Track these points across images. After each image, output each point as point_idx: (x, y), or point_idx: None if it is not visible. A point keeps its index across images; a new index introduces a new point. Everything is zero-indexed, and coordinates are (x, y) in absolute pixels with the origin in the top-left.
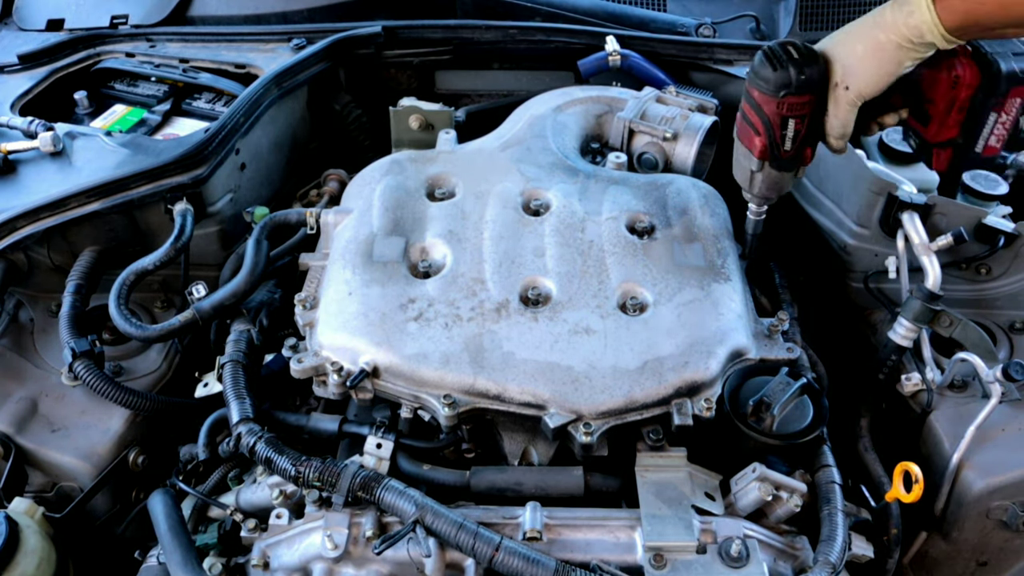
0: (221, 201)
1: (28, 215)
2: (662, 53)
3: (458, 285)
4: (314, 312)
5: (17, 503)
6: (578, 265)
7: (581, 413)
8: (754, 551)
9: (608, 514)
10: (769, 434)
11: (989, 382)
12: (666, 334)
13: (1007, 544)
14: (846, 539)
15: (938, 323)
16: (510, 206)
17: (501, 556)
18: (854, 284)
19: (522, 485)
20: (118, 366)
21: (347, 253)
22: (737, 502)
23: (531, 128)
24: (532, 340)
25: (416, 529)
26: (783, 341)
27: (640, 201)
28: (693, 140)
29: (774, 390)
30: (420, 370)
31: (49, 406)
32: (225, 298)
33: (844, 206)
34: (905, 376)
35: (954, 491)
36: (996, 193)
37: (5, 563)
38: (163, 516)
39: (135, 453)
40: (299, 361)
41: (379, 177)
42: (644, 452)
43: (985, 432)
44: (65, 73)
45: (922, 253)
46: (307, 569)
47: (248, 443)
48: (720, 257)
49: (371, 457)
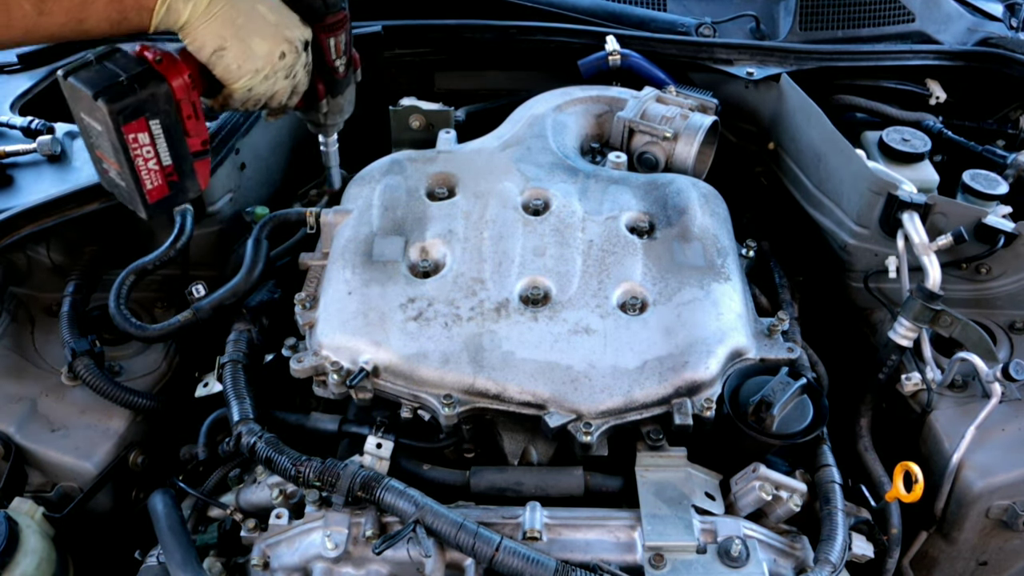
0: (221, 201)
1: (27, 215)
2: (662, 53)
3: (458, 285)
4: (314, 312)
5: (17, 503)
6: (578, 265)
7: (581, 413)
8: (754, 551)
9: (608, 514)
10: (769, 434)
11: (989, 382)
12: (666, 334)
13: (1007, 544)
14: (846, 539)
15: (938, 323)
16: (510, 206)
17: (501, 556)
18: (854, 284)
19: (522, 485)
20: (118, 366)
21: (347, 253)
22: (737, 502)
23: (531, 128)
24: (532, 340)
25: (416, 529)
26: (783, 341)
27: (640, 201)
28: (693, 140)
29: (774, 390)
30: (420, 370)
31: (49, 406)
32: (225, 298)
33: (844, 206)
34: (905, 376)
35: (954, 491)
36: (996, 193)
37: (5, 563)
38: (163, 516)
39: (135, 453)
40: (299, 361)
41: (379, 177)
42: (644, 452)
43: (985, 432)
44: None
45: (922, 253)
46: (307, 569)
47: (248, 443)
48: (720, 257)
49: (371, 457)
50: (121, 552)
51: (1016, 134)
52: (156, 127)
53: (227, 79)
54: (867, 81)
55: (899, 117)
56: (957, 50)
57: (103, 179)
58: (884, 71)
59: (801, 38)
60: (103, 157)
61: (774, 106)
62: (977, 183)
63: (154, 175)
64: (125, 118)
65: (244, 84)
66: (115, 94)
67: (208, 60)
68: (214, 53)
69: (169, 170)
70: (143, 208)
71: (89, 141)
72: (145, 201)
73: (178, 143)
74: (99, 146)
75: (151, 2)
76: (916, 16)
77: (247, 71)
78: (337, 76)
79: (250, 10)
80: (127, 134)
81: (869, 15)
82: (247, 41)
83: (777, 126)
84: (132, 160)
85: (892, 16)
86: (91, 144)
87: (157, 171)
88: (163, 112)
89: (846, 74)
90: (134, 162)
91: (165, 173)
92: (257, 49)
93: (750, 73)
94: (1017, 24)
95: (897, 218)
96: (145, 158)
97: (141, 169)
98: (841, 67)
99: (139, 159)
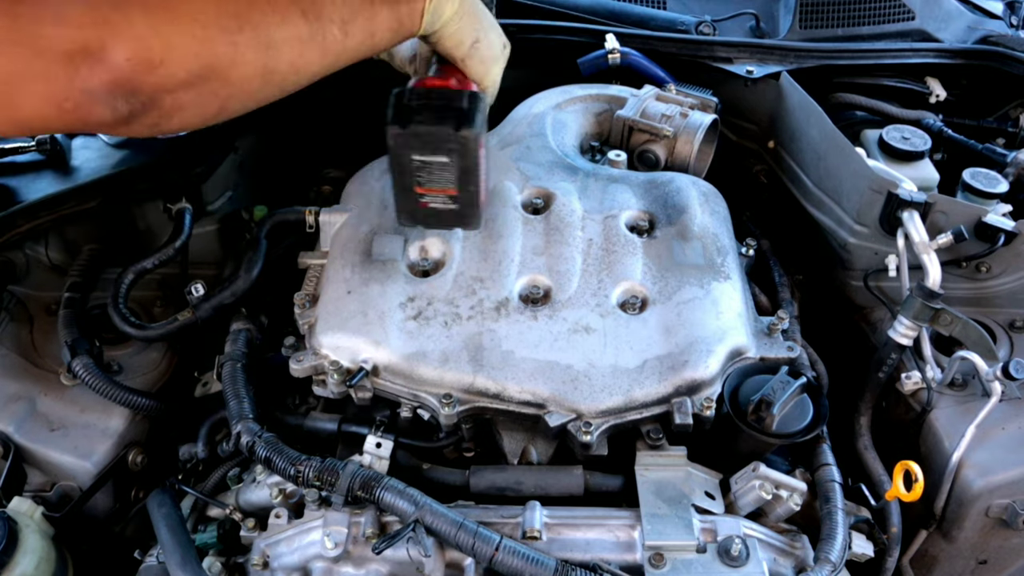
0: (220, 200)
1: (26, 213)
2: (662, 51)
3: (457, 284)
4: (313, 311)
5: (16, 502)
6: (578, 264)
7: (581, 412)
8: (754, 550)
9: (608, 513)
10: (769, 433)
11: (989, 380)
12: (666, 333)
13: (1007, 542)
14: (846, 538)
15: (938, 321)
16: (509, 204)
17: (501, 555)
18: (854, 282)
19: (522, 484)
20: (117, 364)
21: (346, 252)
22: (737, 501)
23: (530, 126)
24: (532, 339)
25: (416, 528)
26: (783, 340)
27: (640, 199)
28: (693, 138)
29: (774, 389)
30: (419, 369)
31: (48, 405)
32: (224, 297)
33: (844, 204)
34: (905, 375)
35: (954, 490)
36: (996, 191)
37: (4, 563)
38: (163, 516)
39: (135, 452)
40: (298, 361)
41: (378, 176)
42: (644, 451)
43: (985, 431)
44: None
45: (922, 251)
46: (307, 568)
47: (247, 442)
48: (720, 255)
49: (370, 456)
50: (121, 552)
51: (1016, 132)
52: (485, 142)
53: (479, 73)
54: (867, 79)
55: (899, 115)
56: (957, 48)
57: (410, 216)
58: (884, 69)
59: (801, 36)
60: (428, 191)
61: (774, 104)
62: (977, 181)
63: (485, 186)
64: (477, 142)
65: (495, 76)
66: (464, 120)
67: (466, 54)
68: (472, 46)
69: (486, 178)
70: (474, 222)
71: (405, 182)
72: (479, 213)
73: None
74: (430, 182)
75: (421, 3)
76: (916, 14)
77: (492, 62)
78: None
79: (480, 6)
80: (480, 151)
81: (869, 13)
82: (489, 34)
83: (777, 124)
84: (480, 178)
85: (892, 14)
86: (407, 184)
87: (485, 180)
88: (484, 123)
89: (846, 72)
90: (481, 179)
91: (486, 181)
92: (496, 41)
93: (750, 71)
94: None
95: (897, 216)
96: (484, 171)
97: (483, 184)
98: (841, 65)
99: (484, 175)
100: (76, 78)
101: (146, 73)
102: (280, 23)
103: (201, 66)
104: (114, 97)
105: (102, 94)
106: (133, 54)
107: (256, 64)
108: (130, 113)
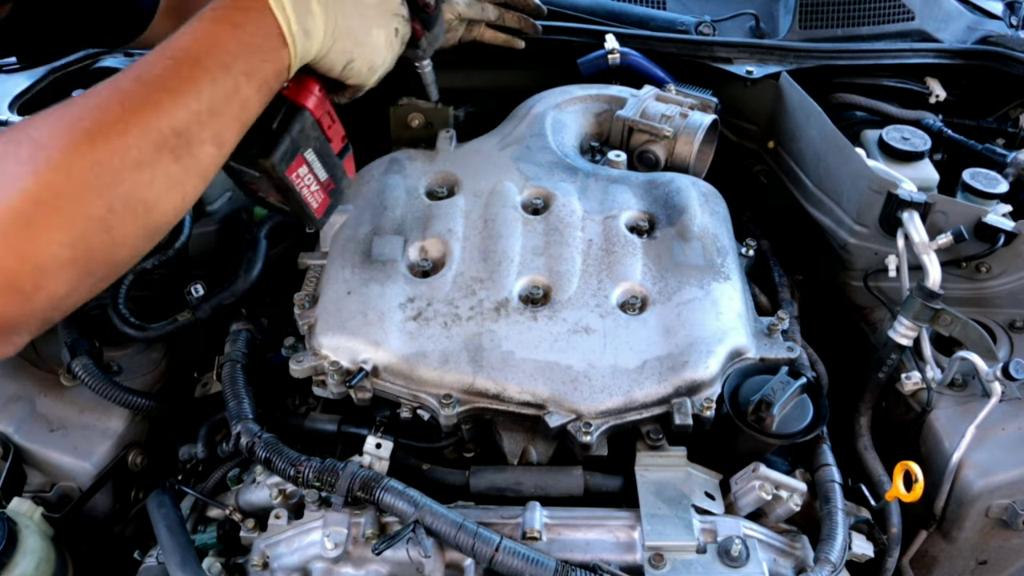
0: (220, 200)
1: None
2: (661, 51)
3: (457, 284)
4: (313, 311)
5: (16, 503)
6: (577, 264)
7: (581, 412)
8: (754, 550)
9: (608, 514)
10: (769, 433)
11: (989, 381)
12: (666, 333)
13: (1007, 543)
14: (846, 538)
15: (938, 321)
16: (509, 205)
17: (501, 556)
18: (854, 282)
19: (522, 485)
20: (117, 365)
21: (346, 252)
22: (737, 501)
23: (530, 127)
24: (531, 339)
25: (415, 529)
26: (783, 340)
27: (640, 200)
28: (693, 138)
29: (774, 389)
30: (419, 369)
31: (48, 406)
32: (224, 298)
33: (844, 204)
34: (905, 375)
35: (954, 490)
36: (996, 191)
37: (4, 563)
38: (162, 516)
39: (134, 453)
40: (298, 361)
41: (378, 176)
42: (644, 452)
43: (985, 431)
44: (64, 72)
45: (922, 251)
46: (306, 569)
47: (247, 443)
48: (720, 256)
49: (370, 457)
50: (121, 552)
51: (1016, 132)
52: (310, 155)
53: (359, 82)
54: (867, 79)
55: (899, 115)
56: (957, 48)
57: (260, 204)
58: (884, 69)
59: (801, 36)
60: (258, 189)
61: (774, 104)
62: (977, 181)
63: (316, 195)
64: (285, 164)
65: (376, 79)
66: (267, 146)
67: (340, 75)
68: (344, 69)
69: (327, 183)
70: (313, 224)
71: (241, 180)
72: (313, 218)
73: (328, 156)
74: (260, 188)
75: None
76: (916, 14)
77: (376, 66)
78: (429, 11)
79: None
80: (289, 175)
81: (869, 13)
82: (367, 39)
83: (777, 124)
84: (299, 192)
85: (892, 14)
86: (243, 183)
87: (318, 190)
88: (312, 139)
89: (846, 72)
90: (300, 194)
91: (325, 187)
92: (377, 40)
93: (750, 71)
94: (1017, 22)
95: (897, 217)
96: (307, 185)
97: (307, 196)
98: (841, 65)
99: (304, 190)
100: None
101: (23, 304)
102: (150, 182)
103: (79, 271)
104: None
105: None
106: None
107: (137, 231)
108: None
